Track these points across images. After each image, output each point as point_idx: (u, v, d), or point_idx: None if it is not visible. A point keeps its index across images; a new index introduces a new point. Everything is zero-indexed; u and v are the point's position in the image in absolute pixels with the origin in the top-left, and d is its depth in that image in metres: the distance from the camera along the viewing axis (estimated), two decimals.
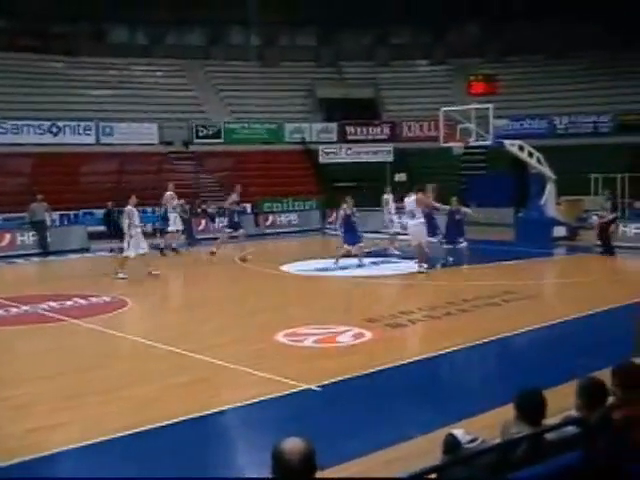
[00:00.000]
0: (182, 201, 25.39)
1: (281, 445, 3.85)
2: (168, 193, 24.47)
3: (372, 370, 9.93)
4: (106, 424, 7.98)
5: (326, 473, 4.42)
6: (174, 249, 24.22)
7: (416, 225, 18.73)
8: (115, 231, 25.60)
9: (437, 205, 20.11)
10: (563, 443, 4.74)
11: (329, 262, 20.64)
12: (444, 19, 43.32)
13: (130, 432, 7.70)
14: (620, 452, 4.60)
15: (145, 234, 28.77)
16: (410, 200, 18.78)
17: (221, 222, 26.20)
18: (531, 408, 4.94)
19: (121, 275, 18.66)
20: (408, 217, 19.16)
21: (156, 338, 12.02)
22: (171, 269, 21.07)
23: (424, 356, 10.69)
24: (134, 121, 35.60)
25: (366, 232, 23.50)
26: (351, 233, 20.23)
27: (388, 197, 24.20)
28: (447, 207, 20.25)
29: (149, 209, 30.36)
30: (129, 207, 19.02)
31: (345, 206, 20.39)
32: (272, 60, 43.62)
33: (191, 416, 8.19)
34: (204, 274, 20.53)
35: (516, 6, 39.53)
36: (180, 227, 24.74)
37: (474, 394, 9.18)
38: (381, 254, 22.50)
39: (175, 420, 8.07)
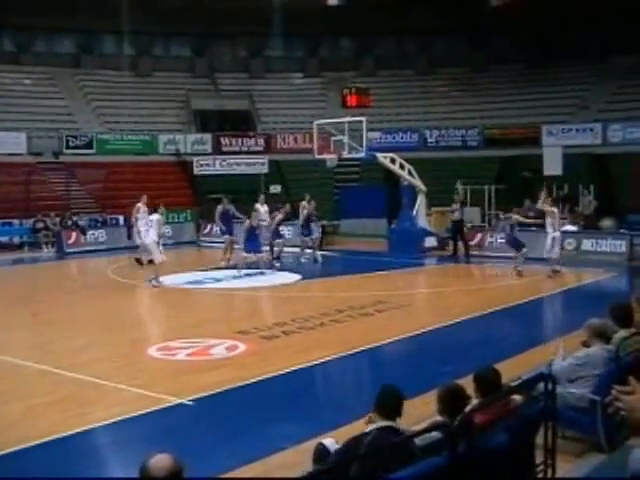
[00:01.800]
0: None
1: (147, 462, 3.83)
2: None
3: (246, 382, 9.94)
4: None
5: None
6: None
7: None
8: None
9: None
10: (429, 448, 4.93)
11: (204, 274, 20.57)
12: (318, 33, 43.93)
13: None
14: (479, 455, 4.80)
15: (12, 247, 28.17)
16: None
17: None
18: (388, 404, 5.16)
19: (161, 280, 18.81)
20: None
21: (22, 356, 11.62)
22: (42, 284, 20.42)
23: (297, 367, 10.76)
24: (0, 130, 34.33)
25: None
26: (252, 242, 20.63)
27: (260, 207, 24.31)
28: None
29: (16, 221, 29.41)
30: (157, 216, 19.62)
31: (304, 204, 20.78)
32: (146, 70, 43.04)
33: (57, 436, 7.96)
34: (73, 288, 19.97)
35: (386, 24, 40.51)
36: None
37: (344, 404, 9.32)
38: (255, 266, 22.51)
39: (40, 441, 7.81)
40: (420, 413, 5.66)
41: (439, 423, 5.12)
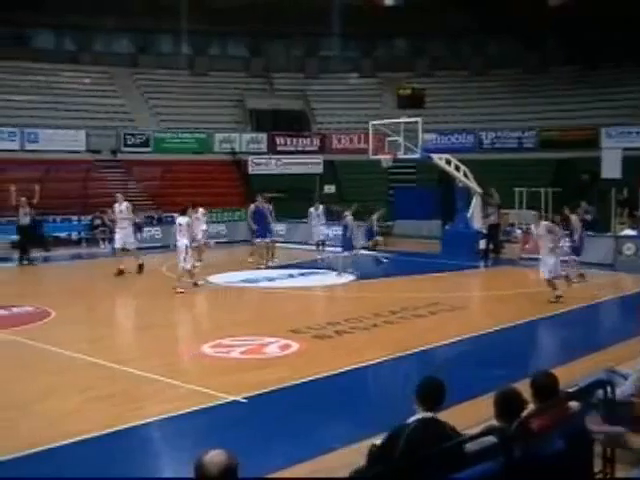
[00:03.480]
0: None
1: (202, 457, 3.85)
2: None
3: (299, 381, 9.95)
4: (16, 440, 7.72)
5: None
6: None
7: None
8: (36, 241, 25.07)
9: None
10: (483, 452, 4.87)
11: (257, 273, 20.71)
12: (373, 33, 43.84)
13: (43, 448, 7.46)
14: (535, 461, 4.72)
15: (71, 243, 28.67)
16: None
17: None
18: (428, 394, 5.22)
19: (201, 282, 18.75)
20: None
21: (79, 350, 11.80)
22: (99, 280, 20.75)
23: (350, 367, 10.74)
24: (60, 128, 35.00)
25: (293, 243, 23.78)
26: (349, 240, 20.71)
27: (315, 210, 24.45)
28: None
29: (74, 218, 29.92)
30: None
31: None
32: (202, 69, 43.42)
33: (110, 430, 8.04)
34: (130, 286, 20.22)
35: (440, 24, 40.32)
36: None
37: (396, 405, 9.24)
38: (309, 265, 22.60)
39: (93, 434, 7.89)
40: (474, 417, 5.58)
41: (495, 427, 5.05)
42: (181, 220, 18.44)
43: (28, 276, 22.40)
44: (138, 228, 28.68)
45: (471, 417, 5.26)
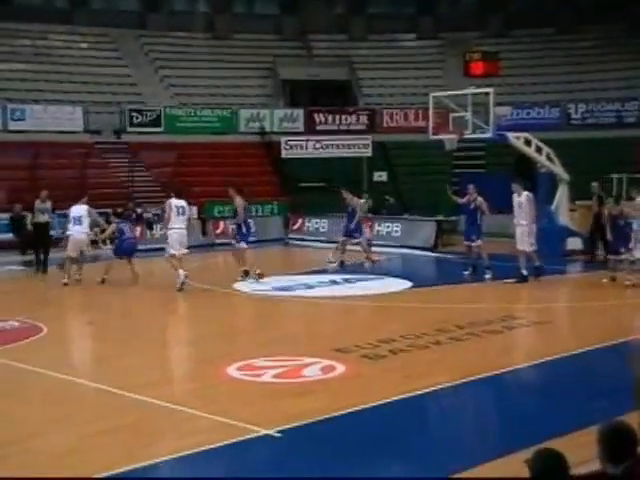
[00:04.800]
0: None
1: None
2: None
3: (345, 411, 9.92)
4: None
5: None
6: None
7: None
8: (26, 241, 25.30)
9: None
10: None
11: (293, 279, 20.74)
12: None
13: None
14: None
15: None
16: None
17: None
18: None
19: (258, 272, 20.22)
20: None
21: (77, 373, 11.91)
22: (100, 288, 20.93)
23: (406, 395, 10.68)
24: (52, 103, 35.38)
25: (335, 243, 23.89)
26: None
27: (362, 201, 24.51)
28: None
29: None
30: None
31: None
32: (224, 31, 43.65)
33: (115, 472, 8.03)
34: (136, 293, 20.37)
35: None
36: None
37: (462, 445, 9.19)
38: (356, 270, 22.62)
39: (97, 476, 7.91)
40: (571, 458, 5.47)
41: (600, 473, 4.97)
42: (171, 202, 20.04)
43: (12, 284, 22.64)
44: (148, 225, 28.99)
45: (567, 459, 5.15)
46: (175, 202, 19.87)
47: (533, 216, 20.91)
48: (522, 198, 20.88)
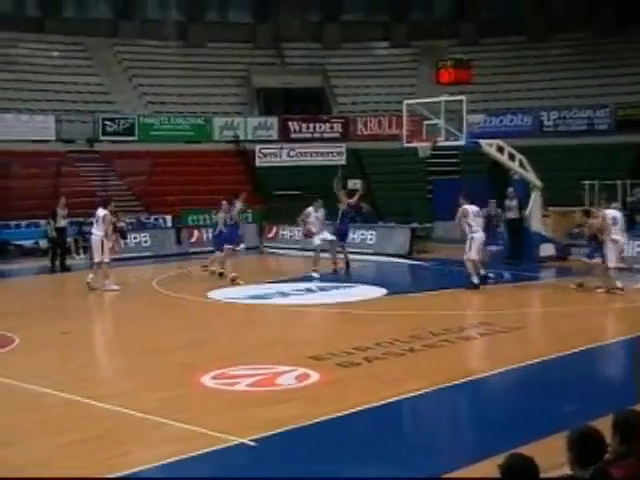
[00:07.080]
0: None
1: None
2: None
3: (319, 419, 9.91)
4: None
5: None
6: None
7: None
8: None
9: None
10: None
11: (268, 287, 20.73)
12: None
13: None
14: None
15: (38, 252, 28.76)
16: None
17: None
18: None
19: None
20: None
21: (50, 384, 11.81)
22: (73, 297, 20.85)
23: (381, 402, 10.68)
24: (23, 112, 35.17)
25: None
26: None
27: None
28: None
29: (42, 222, 29.90)
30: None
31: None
32: (198, 40, 43.58)
33: None
34: (110, 302, 20.30)
35: None
36: None
37: (438, 449, 9.21)
38: (331, 278, 22.62)
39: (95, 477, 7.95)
40: (542, 463, 5.49)
41: (568, 477, 4.98)
42: (99, 212, 21.21)
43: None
44: (122, 234, 28.79)
45: (538, 463, 5.17)
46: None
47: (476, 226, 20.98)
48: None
